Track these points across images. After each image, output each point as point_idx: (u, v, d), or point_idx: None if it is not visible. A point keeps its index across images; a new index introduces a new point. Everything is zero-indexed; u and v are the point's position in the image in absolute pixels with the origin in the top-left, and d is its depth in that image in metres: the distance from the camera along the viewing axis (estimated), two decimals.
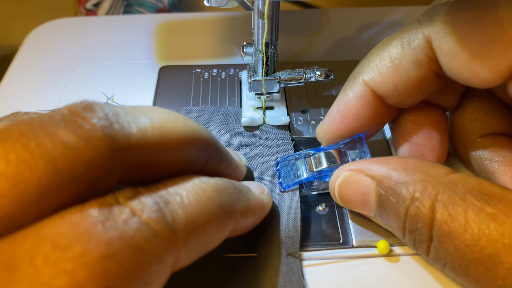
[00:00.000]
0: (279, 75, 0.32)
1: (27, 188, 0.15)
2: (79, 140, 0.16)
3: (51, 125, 0.17)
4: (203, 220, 0.19)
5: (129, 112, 0.19)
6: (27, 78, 0.39)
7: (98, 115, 0.18)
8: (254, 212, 0.24)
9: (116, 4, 0.54)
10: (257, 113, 0.33)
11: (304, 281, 0.25)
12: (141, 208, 0.17)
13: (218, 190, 0.20)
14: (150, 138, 0.19)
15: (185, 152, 0.21)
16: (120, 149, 0.17)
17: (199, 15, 0.46)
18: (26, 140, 0.16)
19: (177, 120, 0.21)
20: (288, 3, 0.59)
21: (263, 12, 0.29)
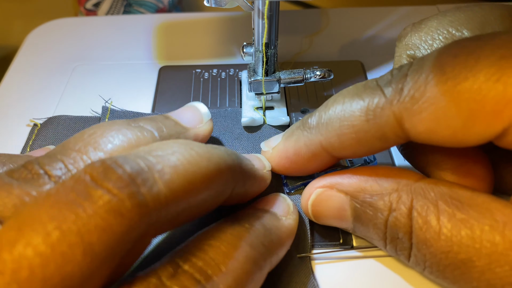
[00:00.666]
0: (279, 75, 0.32)
1: (71, 280, 0.15)
2: (111, 218, 0.16)
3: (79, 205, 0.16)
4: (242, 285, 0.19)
5: (150, 162, 0.18)
6: (27, 78, 0.39)
7: (122, 179, 0.16)
8: (286, 245, 0.24)
9: (116, 4, 0.54)
10: (257, 113, 0.33)
11: (316, 281, 0.25)
12: None
13: (251, 244, 0.20)
14: (178, 191, 0.18)
15: (214, 188, 0.20)
16: (152, 212, 0.17)
17: (199, 15, 0.46)
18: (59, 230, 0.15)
19: (200, 158, 0.19)
20: (288, 3, 0.59)
21: (263, 12, 0.29)
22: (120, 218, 0.16)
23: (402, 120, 0.21)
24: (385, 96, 0.21)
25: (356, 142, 0.22)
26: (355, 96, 0.22)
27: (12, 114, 0.35)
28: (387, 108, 0.21)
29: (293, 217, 0.25)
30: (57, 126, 0.33)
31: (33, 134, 0.33)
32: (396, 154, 0.31)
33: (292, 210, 0.25)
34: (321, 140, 0.24)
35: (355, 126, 0.22)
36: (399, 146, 0.27)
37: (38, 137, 0.33)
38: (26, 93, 0.37)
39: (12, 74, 0.39)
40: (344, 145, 0.23)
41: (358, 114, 0.22)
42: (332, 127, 0.23)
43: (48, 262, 0.14)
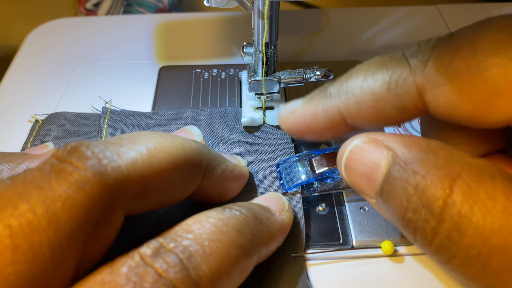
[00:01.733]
0: (279, 75, 0.32)
1: (40, 249, 0.16)
2: (73, 188, 0.17)
3: (44, 180, 0.17)
4: (226, 269, 0.19)
5: (114, 144, 0.19)
6: (27, 78, 0.39)
7: (85, 155, 0.18)
8: (277, 239, 0.24)
9: (116, 4, 0.54)
10: (257, 113, 0.33)
11: (309, 282, 0.25)
12: (166, 269, 0.17)
13: (239, 229, 0.20)
14: (141, 164, 0.19)
15: (180, 170, 0.21)
16: (114, 183, 0.18)
17: (199, 15, 0.46)
18: (25, 203, 0.16)
19: (163, 139, 0.21)
20: (288, 3, 0.59)
21: (263, 12, 0.29)
22: (82, 188, 0.17)
23: (424, 92, 0.20)
24: (410, 67, 0.21)
25: (374, 110, 0.22)
26: (380, 65, 0.22)
27: (12, 114, 0.35)
28: (410, 79, 0.20)
29: (287, 214, 0.25)
30: (58, 122, 0.34)
31: (34, 130, 0.33)
32: None
33: (287, 208, 0.25)
34: (339, 106, 0.23)
35: (376, 94, 0.21)
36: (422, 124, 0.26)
37: (39, 133, 0.33)
38: (26, 93, 0.37)
39: (12, 74, 0.39)
40: (362, 113, 0.22)
41: (380, 83, 0.21)
42: (353, 94, 0.22)
43: (16, 233, 0.16)
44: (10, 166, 0.25)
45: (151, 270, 0.17)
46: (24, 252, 0.16)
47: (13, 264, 0.15)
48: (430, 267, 0.25)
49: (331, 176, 0.27)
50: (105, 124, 0.33)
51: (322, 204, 0.28)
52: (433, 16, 0.45)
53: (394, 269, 0.25)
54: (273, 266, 0.25)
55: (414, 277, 0.25)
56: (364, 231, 0.27)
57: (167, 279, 0.17)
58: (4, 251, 0.15)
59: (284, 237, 0.24)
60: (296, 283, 0.24)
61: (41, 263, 0.16)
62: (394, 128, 0.33)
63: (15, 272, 0.15)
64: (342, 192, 0.29)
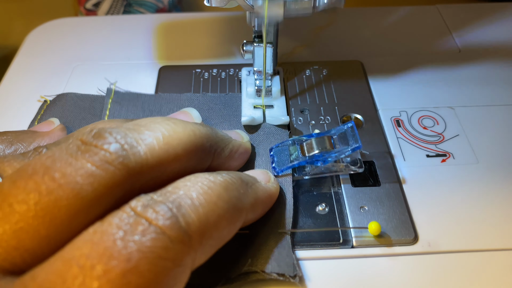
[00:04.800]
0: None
1: (59, 213, 0.17)
2: (97, 165, 0.18)
3: (70, 156, 0.19)
4: (214, 219, 0.20)
5: (133, 130, 0.21)
6: (27, 78, 0.39)
7: (109, 140, 0.19)
8: (263, 202, 0.25)
9: (116, 4, 0.54)
10: (257, 111, 0.33)
11: (294, 254, 0.25)
12: (155, 217, 0.18)
13: (225, 187, 0.21)
14: (158, 150, 0.20)
15: (193, 154, 0.22)
16: (135, 166, 0.19)
17: (199, 15, 0.46)
18: (52, 173, 0.18)
19: (176, 126, 0.22)
20: None
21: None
22: (105, 168, 0.18)
23: None
24: None
25: None
26: None
27: (12, 114, 0.35)
28: None
29: (273, 185, 0.26)
30: (65, 102, 0.35)
31: (42, 110, 0.35)
32: (394, 147, 0.31)
33: (272, 181, 0.27)
34: None
35: None
36: None
37: (46, 111, 0.34)
38: (26, 93, 0.37)
39: (12, 74, 0.39)
40: None
41: None
42: None
43: (40, 196, 0.17)
44: (24, 145, 0.26)
45: (141, 219, 0.18)
46: (45, 214, 0.17)
47: (31, 225, 0.17)
48: (430, 266, 0.25)
49: (321, 159, 0.28)
50: (109, 105, 0.34)
51: (322, 204, 0.28)
52: (433, 16, 0.45)
53: (394, 269, 0.25)
54: (259, 238, 0.26)
55: (414, 277, 0.25)
56: (364, 231, 0.27)
57: (156, 227, 0.17)
58: (27, 214, 0.17)
59: (270, 205, 0.26)
60: (280, 254, 0.25)
61: (57, 226, 0.17)
62: (395, 128, 0.33)
63: (32, 231, 0.17)
64: (342, 192, 0.29)
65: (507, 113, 0.34)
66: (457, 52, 0.40)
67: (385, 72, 0.38)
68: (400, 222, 0.27)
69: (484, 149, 0.32)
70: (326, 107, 0.35)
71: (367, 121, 0.34)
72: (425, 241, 0.26)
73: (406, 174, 0.30)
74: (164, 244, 0.17)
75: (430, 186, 0.29)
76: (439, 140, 0.32)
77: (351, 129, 0.28)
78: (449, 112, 0.34)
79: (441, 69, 0.38)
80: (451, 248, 0.26)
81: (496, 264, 0.25)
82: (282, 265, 0.24)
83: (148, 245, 0.17)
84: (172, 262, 0.17)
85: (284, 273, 0.24)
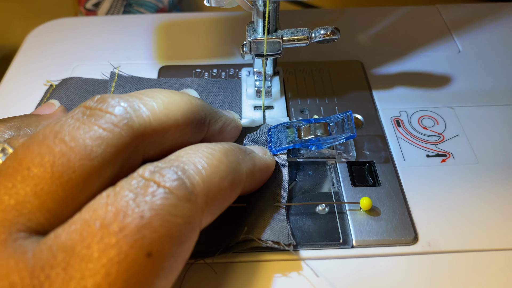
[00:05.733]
0: (281, 34, 0.29)
1: (74, 174, 0.19)
2: (103, 128, 0.20)
3: (77, 121, 0.20)
4: (217, 180, 0.21)
5: (135, 97, 0.22)
6: (27, 78, 0.39)
7: (113, 104, 0.21)
8: (261, 170, 0.26)
9: (116, 4, 0.54)
10: (257, 112, 0.33)
11: (289, 224, 0.27)
12: (163, 180, 0.19)
13: (225, 152, 0.23)
14: (159, 114, 0.22)
15: (190, 121, 0.24)
16: (139, 129, 0.21)
17: (199, 15, 0.46)
18: (62, 136, 0.19)
19: (174, 94, 0.24)
20: (288, 3, 0.59)
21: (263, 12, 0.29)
22: (112, 129, 0.20)
23: None
24: None
25: None
26: None
27: (11, 115, 0.35)
28: None
29: (270, 157, 0.28)
30: (69, 86, 0.36)
31: (48, 93, 0.36)
32: (393, 146, 0.31)
33: (269, 154, 0.28)
34: None
35: None
36: None
37: (52, 95, 0.36)
38: (26, 93, 0.37)
39: (12, 74, 0.39)
40: None
41: None
42: None
43: (54, 158, 0.19)
44: (31, 130, 0.27)
45: (150, 182, 0.19)
46: (60, 175, 0.18)
47: (50, 185, 0.18)
48: (430, 266, 0.25)
49: (315, 144, 0.29)
50: (112, 88, 0.36)
51: (322, 204, 0.28)
52: (433, 16, 0.45)
53: (394, 269, 0.25)
54: (256, 211, 0.27)
55: (414, 277, 0.25)
56: (364, 230, 0.27)
57: (165, 188, 0.19)
58: (44, 173, 0.18)
59: (268, 175, 0.28)
60: (276, 224, 0.26)
61: (73, 186, 0.18)
62: (395, 128, 0.33)
63: (51, 192, 0.18)
64: (342, 192, 0.29)
65: (507, 113, 0.34)
66: (457, 52, 0.40)
67: (385, 72, 0.38)
68: (400, 222, 0.27)
69: (484, 149, 0.32)
70: (326, 107, 0.35)
71: (367, 121, 0.34)
72: (425, 241, 0.26)
73: (406, 174, 0.30)
74: (173, 202, 0.18)
75: (430, 186, 0.29)
76: (439, 140, 0.32)
77: (348, 118, 0.29)
78: (449, 112, 0.34)
79: (441, 69, 0.38)
80: (451, 248, 0.26)
81: (496, 264, 0.25)
82: (278, 234, 0.25)
83: (159, 203, 0.18)
84: (182, 219, 0.19)
85: (279, 241, 0.25)
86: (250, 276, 0.25)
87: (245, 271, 0.25)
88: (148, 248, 0.17)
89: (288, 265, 0.25)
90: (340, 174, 0.30)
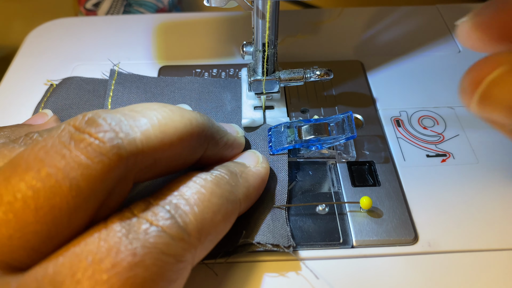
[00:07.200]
0: (279, 74, 0.32)
1: (59, 212, 0.17)
2: (92, 158, 0.18)
3: (64, 147, 0.18)
4: (210, 216, 0.21)
5: (129, 116, 0.20)
6: (27, 78, 0.39)
7: (103, 128, 0.19)
8: (255, 189, 0.25)
9: (116, 4, 0.54)
10: (257, 113, 0.33)
11: (289, 226, 0.26)
12: (155, 218, 0.19)
13: (217, 183, 0.22)
14: (153, 138, 0.20)
15: (187, 144, 0.22)
16: (129, 156, 0.19)
17: (199, 15, 0.46)
18: (47, 168, 0.18)
19: (173, 114, 0.22)
20: (288, 3, 0.59)
21: (262, 12, 0.29)
22: (101, 159, 0.18)
23: None
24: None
25: None
26: None
27: (11, 115, 0.35)
28: None
29: (263, 165, 0.27)
30: (70, 85, 0.36)
31: (48, 92, 0.36)
32: (395, 150, 0.31)
33: (261, 161, 0.27)
34: None
35: None
36: None
37: (52, 94, 0.36)
38: (26, 93, 0.37)
39: (12, 74, 0.39)
40: None
41: None
42: None
43: (38, 195, 0.17)
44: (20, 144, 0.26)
45: (142, 220, 0.19)
46: (45, 213, 0.17)
47: (34, 224, 0.17)
48: (430, 266, 0.25)
49: (315, 144, 0.29)
50: (112, 86, 0.36)
51: (322, 204, 0.28)
52: (433, 16, 0.45)
53: (394, 269, 0.25)
54: (256, 213, 0.27)
55: (414, 277, 0.25)
56: (364, 230, 0.27)
57: (157, 227, 0.18)
58: (27, 211, 0.17)
59: (263, 187, 0.27)
60: (275, 226, 0.26)
61: (58, 224, 0.18)
62: (395, 128, 0.33)
63: (35, 231, 0.17)
64: (342, 192, 0.29)
65: None
66: (457, 52, 0.40)
67: (385, 72, 0.38)
68: (400, 222, 0.27)
69: (484, 149, 0.32)
70: (326, 107, 0.35)
71: (367, 121, 0.34)
72: (425, 241, 0.26)
73: (406, 174, 0.30)
74: (166, 241, 0.18)
75: (430, 186, 0.29)
76: (439, 140, 0.32)
77: (348, 118, 0.29)
78: (449, 112, 0.34)
79: (441, 69, 0.38)
80: (451, 248, 0.26)
81: (496, 264, 0.25)
82: (277, 236, 0.25)
83: (152, 242, 0.18)
84: (174, 258, 0.18)
85: (278, 244, 0.25)
86: (249, 277, 0.25)
87: (245, 271, 0.25)
88: (140, 287, 0.17)
89: (288, 265, 0.25)
90: (340, 174, 0.30)
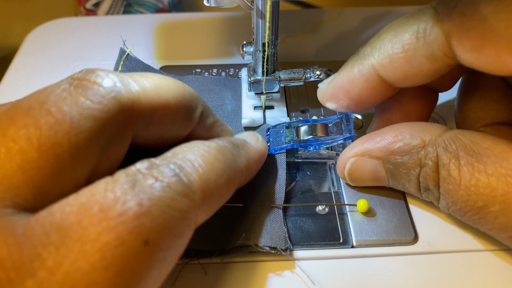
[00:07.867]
0: (279, 75, 0.32)
1: (61, 149, 0.18)
2: (92, 99, 0.19)
3: (63, 91, 0.19)
4: (214, 178, 0.21)
5: (126, 74, 0.21)
6: (27, 78, 0.39)
7: (101, 75, 0.20)
8: (255, 162, 0.26)
9: (116, 4, 0.54)
10: (257, 112, 0.33)
11: (286, 228, 0.26)
12: (161, 175, 0.19)
13: (220, 150, 0.23)
14: (149, 91, 0.21)
15: (181, 106, 0.23)
16: (128, 103, 0.20)
17: (199, 15, 0.46)
18: (48, 108, 0.18)
19: (167, 78, 0.23)
20: (288, 3, 0.59)
21: (262, 12, 0.29)
22: (100, 100, 0.19)
23: (451, 37, 0.22)
24: (437, 14, 0.22)
25: (405, 61, 0.24)
26: (408, 19, 0.24)
27: None
28: (437, 26, 0.22)
29: (262, 144, 0.28)
30: None
31: None
32: None
33: (261, 140, 0.28)
34: (373, 63, 0.25)
35: (406, 45, 0.24)
36: None
37: None
38: (26, 93, 0.37)
39: (12, 74, 0.39)
40: (394, 66, 0.24)
41: (410, 33, 0.24)
42: (384, 49, 0.25)
43: (41, 131, 0.18)
44: None
45: (148, 175, 0.19)
46: (47, 148, 0.18)
47: (37, 159, 0.17)
48: (430, 266, 0.25)
49: (314, 144, 0.29)
50: (120, 66, 0.35)
51: (322, 204, 0.28)
52: None
53: (394, 269, 0.25)
54: (253, 212, 0.27)
55: (414, 277, 0.25)
56: (364, 230, 0.27)
57: (163, 182, 0.19)
58: (30, 147, 0.18)
59: (262, 163, 0.27)
60: (273, 228, 0.26)
61: (60, 162, 0.18)
62: None
63: (38, 167, 0.17)
64: (342, 192, 0.29)
65: None
66: None
67: None
68: (400, 222, 0.27)
69: None
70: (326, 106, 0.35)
71: (367, 121, 0.34)
72: (425, 241, 0.26)
73: None
74: (171, 195, 0.18)
75: None
76: None
77: (346, 119, 0.29)
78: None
79: None
80: (451, 248, 0.26)
81: (496, 264, 0.25)
82: (274, 239, 0.25)
83: (158, 195, 0.18)
84: (179, 213, 0.19)
85: (276, 247, 0.25)
86: (246, 277, 0.25)
87: (241, 271, 0.25)
88: (146, 236, 0.17)
89: (287, 266, 0.25)
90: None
